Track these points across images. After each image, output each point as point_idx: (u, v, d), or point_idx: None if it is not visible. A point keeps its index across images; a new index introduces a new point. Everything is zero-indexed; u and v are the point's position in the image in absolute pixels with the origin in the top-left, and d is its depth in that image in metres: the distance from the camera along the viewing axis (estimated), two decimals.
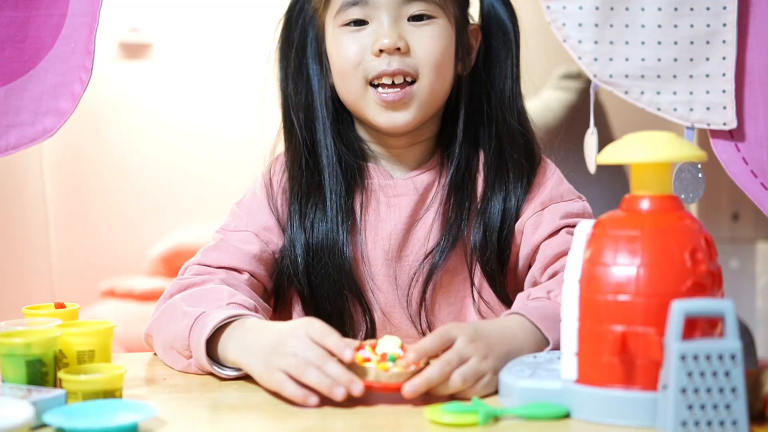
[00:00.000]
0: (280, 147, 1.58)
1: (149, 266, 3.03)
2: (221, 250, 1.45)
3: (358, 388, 1.12)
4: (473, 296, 1.47)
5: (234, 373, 1.26)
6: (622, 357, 1.02)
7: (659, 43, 1.46)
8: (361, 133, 1.54)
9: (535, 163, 1.53)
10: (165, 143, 3.25)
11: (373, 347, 1.18)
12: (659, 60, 1.46)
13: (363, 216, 1.49)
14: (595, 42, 1.46)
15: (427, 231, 1.48)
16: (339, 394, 1.12)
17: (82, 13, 1.39)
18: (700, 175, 1.51)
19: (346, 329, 1.47)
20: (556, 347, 1.22)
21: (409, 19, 1.45)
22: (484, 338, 1.18)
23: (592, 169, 1.60)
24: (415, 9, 1.45)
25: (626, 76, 1.47)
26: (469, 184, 1.50)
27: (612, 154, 1.07)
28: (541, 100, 2.62)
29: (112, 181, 3.24)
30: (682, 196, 1.50)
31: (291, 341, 1.16)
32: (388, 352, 1.16)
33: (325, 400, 1.13)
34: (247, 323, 1.26)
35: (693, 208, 2.86)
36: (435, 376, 1.13)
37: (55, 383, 1.16)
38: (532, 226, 1.46)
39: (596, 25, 1.45)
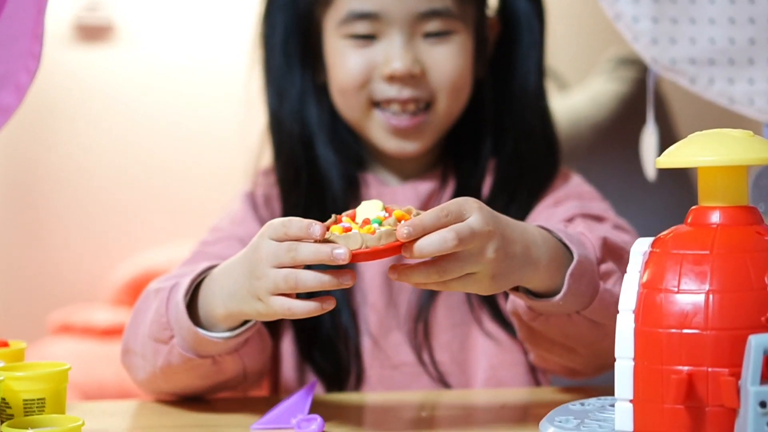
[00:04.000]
0: (265, 157, 1.62)
1: (113, 294, 3.03)
2: (199, 261, 1.47)
3: (341, 253, 1.11)
4: (478, 316, 1.52)
5: (228, 334, 1.27)
6: (688, 403, 1.02)
7: (732, 21, 1.46)
8: (358, 137, 1.60)
9: (555, 170, 1.58)
10: (131, 144, 3.25)
11: (352, 217, 1.18)
12: (732, 42, 1.46)
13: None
14: (654, 20, 1.46)
15: None
16: (331, 279, 1.13)
17: None
18: None
19: (333, 355, 1.51)
20: (582, 266, 1.23)
21: (424, 35, 1.51)
22: (502, 229, 1.17)
23: (650, 174, 1.60)
24: (433, 26, 1.51)
25: (692, 61, 1.47)
26: (476, 194, 1.54)
27: (675, 157, 1.07)
28: (588, 92, 2.62)
29: (67, 190, 3.25)
30: (761, 207, 1.50)
31: (260, 256, 1.17)
32: (371, 217, 1.16)
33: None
34: (213, 273, 1.29)
35: None
36: (430, 222, 1.11)
37: None
38: (543, 220, 1.49)
39: (655, 0, 1.45)
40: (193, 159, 3.26)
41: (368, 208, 1.18)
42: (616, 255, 1.31)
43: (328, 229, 1.15)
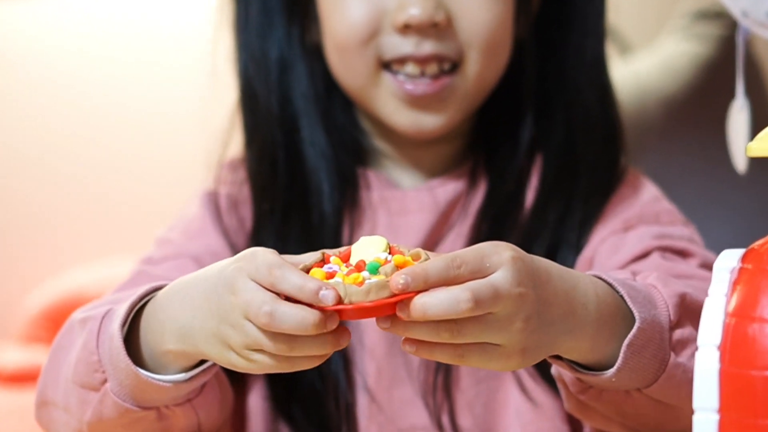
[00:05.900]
0: (233, 145, 1.62)
1: (24, 328, 3.04)
2: (140, 284, 1.46)
3: (312, 320, 1.08)
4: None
5: (181, 377, 1.25)
6: None
7: None
8: (360, 119, 1.60)
9: (618, 166, 1.58)
10: (54, 128, 3.26)
11: (345, 258, 1.16)
12: None
13: (352, 243, 1.52)
14: None
15: None
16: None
17: None
18: None
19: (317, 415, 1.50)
20: (645, 335, 1.20)
21: None
22: (539, 290, 1.13)
23: (740, 165, 1.60)
24: None
25: None
26: (516, 200, 1.55)
27: None
28: (657, 57, 2.62)
29: None
30: None
31: (236, 300, 1.12)
32: (367, 260, 1.13)
33: None
34: (159, 298, 1.26)
35: None
36: (436, 273, 1.08)
37: None
38: (609, 250, 1.49)
39: None
40: (136, 147, 3.26)
41: (367, 247, 1.16)
42: (699, 317, 1.28)
43: (308, 271, 1.12)
